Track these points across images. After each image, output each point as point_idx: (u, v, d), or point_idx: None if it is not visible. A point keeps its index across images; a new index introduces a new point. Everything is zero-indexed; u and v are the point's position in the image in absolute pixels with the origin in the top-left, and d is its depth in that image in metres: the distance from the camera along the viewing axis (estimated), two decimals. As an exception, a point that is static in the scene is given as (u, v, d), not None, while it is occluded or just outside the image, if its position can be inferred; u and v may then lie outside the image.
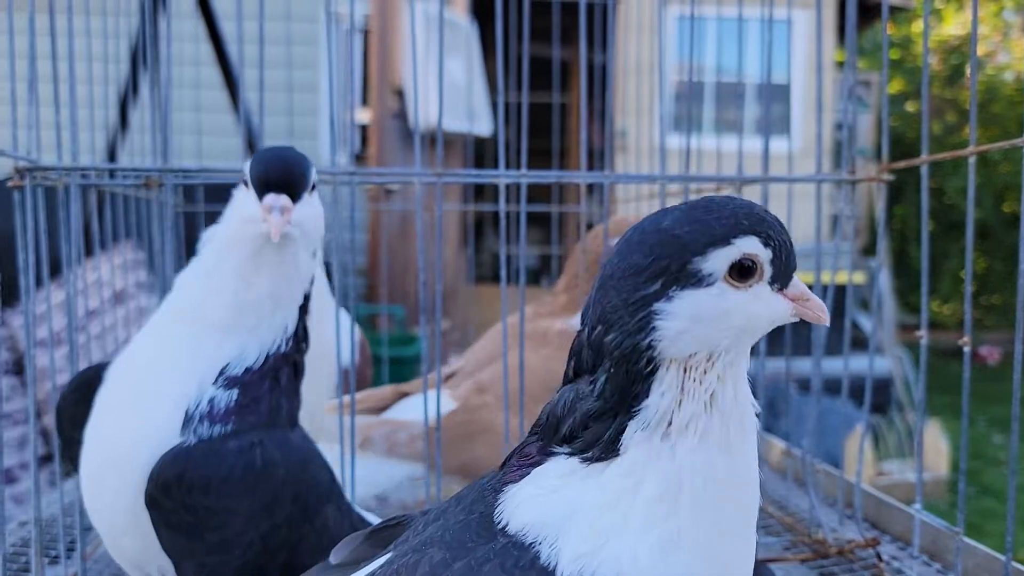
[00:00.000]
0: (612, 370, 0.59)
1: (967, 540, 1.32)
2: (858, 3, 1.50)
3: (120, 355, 1.03)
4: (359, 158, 4.98)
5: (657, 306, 0.58)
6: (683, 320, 0.58)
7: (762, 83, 1.49)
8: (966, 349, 1.22)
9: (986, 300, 10.39)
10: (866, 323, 5.76)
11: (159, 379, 0.94)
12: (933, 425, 5.09)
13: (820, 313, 0.65)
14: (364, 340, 1.81)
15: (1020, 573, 1.26)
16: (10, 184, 1.19)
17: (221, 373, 0.94)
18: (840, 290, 1.54)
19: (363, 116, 5.10)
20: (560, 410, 0.63)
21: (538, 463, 0.64)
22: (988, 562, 1.36)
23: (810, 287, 1.49)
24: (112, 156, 2.75)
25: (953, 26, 11.29)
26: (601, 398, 0.60)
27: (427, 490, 1.37)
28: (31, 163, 1.20)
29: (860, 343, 3.92)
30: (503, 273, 1.35)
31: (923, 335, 1.35)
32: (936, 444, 5.04)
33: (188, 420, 0.92)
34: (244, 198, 0.97)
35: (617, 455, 0.60)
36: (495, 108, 4.91)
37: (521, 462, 0.65)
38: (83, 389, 1.02)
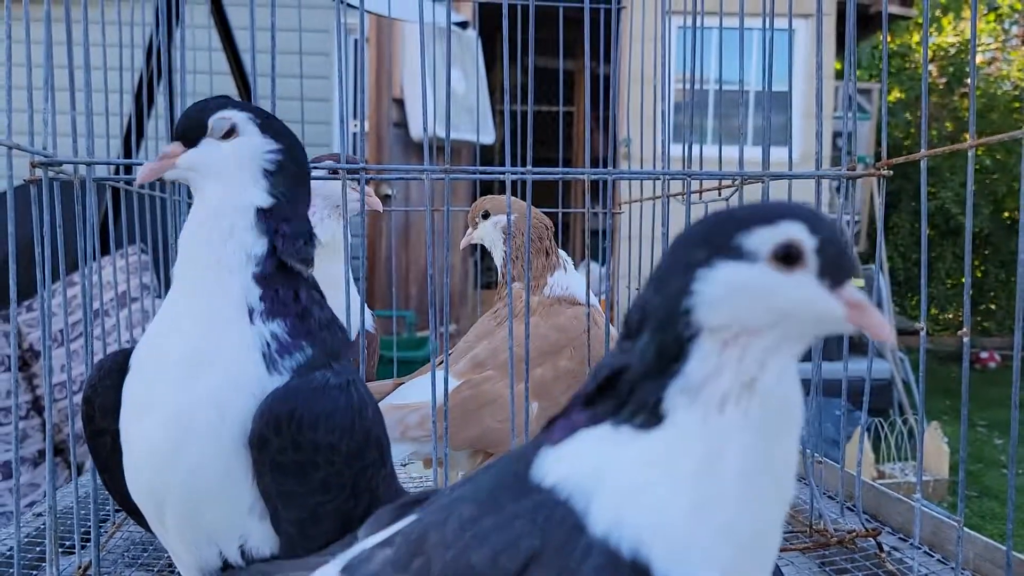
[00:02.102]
0: (654, 331, 0.62)
1: (967, 530, 1.33)
2: (857, 12, 1.53)
3: (147, 336, 1.00)
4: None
5: (699, 272, 0.61)
6: (720, 288, 0.60)
7: (762, 89, 1.52)
8: (965, 340, 1.25)
9: (986, 306, 10.44)
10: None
11: (214, 335, 0.93)
12: (934, 428, 5.10)
13: (880, 326, 0.61)
14: (376, 335, 1.83)
15: (1020, 562, 1.27)
16: (26, 179, 1.22)
17: (251, 311, 0.94)
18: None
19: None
20: (607, 373, 0.64)
21: (581, 427, 0.65)
22: (988, 552, 1.38)
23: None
24: (128, 158, 2.79)
25: (951, 34, 11.35)
26: (644, 359, 0.62)
27: (438, 467, 1.39)
28: (47, 158, 1.23)
29: (860, 348, 3.93)
30: (509, 268, 1.38)
31: (923, 327, 1.37)
32: (937, 446, 5.06)
33: (271, 361, 0.93)
34: None
35: (661, 420, 0.61)
36: (501, 114, 4.94)
37: (563, 425, 0.66)
38: (114, 376, 1.00)
